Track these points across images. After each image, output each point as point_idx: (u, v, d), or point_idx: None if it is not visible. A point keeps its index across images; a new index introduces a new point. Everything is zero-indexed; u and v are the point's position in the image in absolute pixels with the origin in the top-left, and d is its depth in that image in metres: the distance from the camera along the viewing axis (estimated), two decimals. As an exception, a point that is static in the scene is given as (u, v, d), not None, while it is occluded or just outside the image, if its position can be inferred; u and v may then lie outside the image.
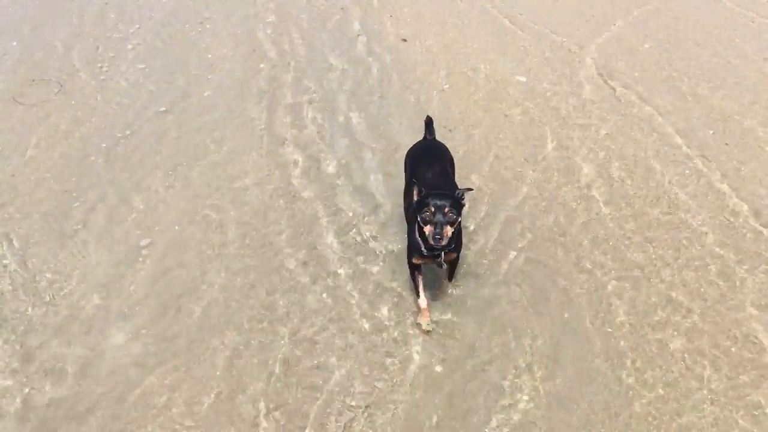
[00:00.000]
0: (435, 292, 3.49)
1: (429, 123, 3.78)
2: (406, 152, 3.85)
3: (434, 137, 3.82)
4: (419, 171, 3.46)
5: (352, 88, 5.27)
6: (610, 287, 3.54)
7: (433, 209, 2.89)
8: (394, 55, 5.67)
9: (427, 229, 2.92)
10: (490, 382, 3.10)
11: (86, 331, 3.35)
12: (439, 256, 3.09)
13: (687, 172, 4.34)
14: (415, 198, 3.06)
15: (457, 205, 2.96)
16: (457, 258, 3.35)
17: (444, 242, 2.91)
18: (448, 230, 2.90)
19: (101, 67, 5.58)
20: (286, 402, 3.02)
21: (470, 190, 3.22)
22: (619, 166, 4.39)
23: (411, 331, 3.31)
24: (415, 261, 3.26)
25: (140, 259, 3.75)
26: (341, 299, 3.50)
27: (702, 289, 3.51)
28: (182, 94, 5.23)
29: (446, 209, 2.88)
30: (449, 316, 3.40)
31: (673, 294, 3.49)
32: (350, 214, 4.03)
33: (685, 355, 3.19)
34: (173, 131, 4.82)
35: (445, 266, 3.27)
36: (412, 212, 3.12)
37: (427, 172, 3.42)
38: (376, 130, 4.79)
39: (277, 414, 2.98)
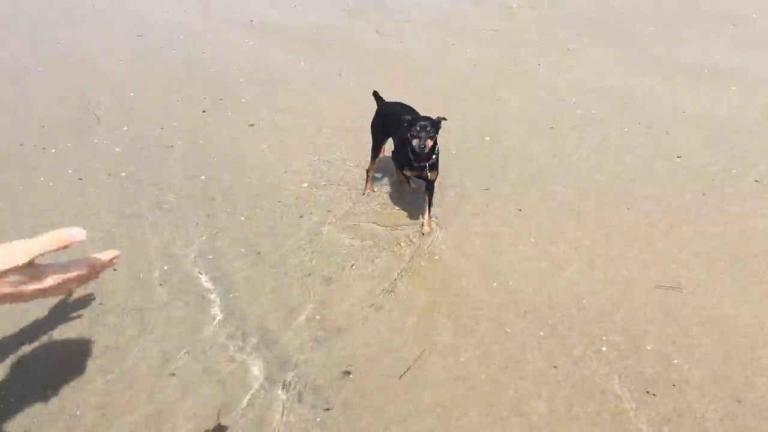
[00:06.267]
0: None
1: (376, 94, 4.64)
2: (372, 119, 4.61)
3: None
4: (397, 118, 4.19)
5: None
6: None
7: (418, 128, 3.85)
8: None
9: (414, 142, 3.82)
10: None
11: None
12: (425, 168, 4.01)
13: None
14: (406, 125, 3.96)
15: (435, 126, 3.91)
16: (434, 180, 4.19)
17: (426, 151, 3.84)
18: (429, 142, 3.86)
19: None
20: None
21: (444, 119, 4.04)
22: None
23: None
24: (406, 173, 4.25)
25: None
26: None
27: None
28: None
29: (427, 128, 3.86)
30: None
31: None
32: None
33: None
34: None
35: (426, 182, 4.12)
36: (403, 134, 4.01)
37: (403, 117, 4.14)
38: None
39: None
